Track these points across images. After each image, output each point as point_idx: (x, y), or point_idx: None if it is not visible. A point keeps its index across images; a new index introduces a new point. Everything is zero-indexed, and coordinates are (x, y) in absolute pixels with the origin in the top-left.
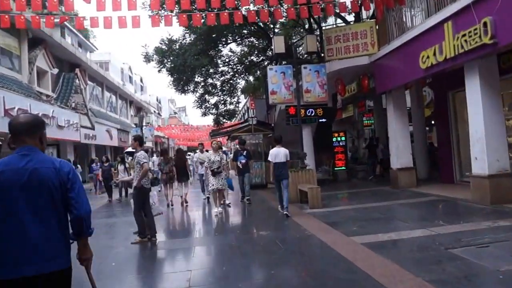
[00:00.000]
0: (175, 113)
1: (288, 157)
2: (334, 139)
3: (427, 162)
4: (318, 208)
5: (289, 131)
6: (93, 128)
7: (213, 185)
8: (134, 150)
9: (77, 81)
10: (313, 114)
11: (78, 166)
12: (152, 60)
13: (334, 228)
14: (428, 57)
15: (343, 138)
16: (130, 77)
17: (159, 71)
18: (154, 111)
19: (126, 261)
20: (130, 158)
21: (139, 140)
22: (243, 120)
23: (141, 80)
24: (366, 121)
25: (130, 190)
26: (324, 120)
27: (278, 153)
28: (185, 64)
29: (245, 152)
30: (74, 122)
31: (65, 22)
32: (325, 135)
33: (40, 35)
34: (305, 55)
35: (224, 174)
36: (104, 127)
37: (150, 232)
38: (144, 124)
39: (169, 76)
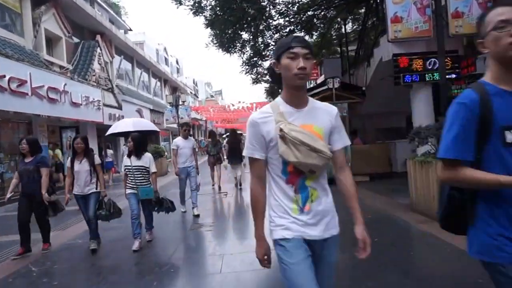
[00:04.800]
0: (212, 96)
1: None
2: None
3: None
4: None
5: (391, 98)
6: (119, 107)
7: None
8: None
9: (99, 50)
10: (436, 67)
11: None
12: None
13: None
14: None
15: None
16: (165, 58)
17: (195, 14)
18: (191, 92)
19: None
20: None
21: None
22: (317, 84)
23: (177, 62)
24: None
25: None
26: (453, 76)
27: None
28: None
29: None
30: (95, 99)
31: None
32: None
33: None
34: None
35: None
36: (134, 106)
37: None
38: (180, 103)
39: (208, 28)
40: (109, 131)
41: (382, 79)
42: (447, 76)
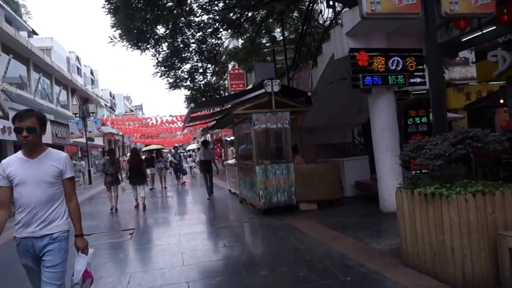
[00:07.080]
0: (132, 110)
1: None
2: (409, 121)
3: None
4: None
5: (339, 107)
6: (5, 116)
7: None
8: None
9: None
10: (400, 68)
11: None
12: None
13: None
14: None
15: (424, 120)
16: (78, 68)
17: None
18: (106, 105)
19: None
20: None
21: None
22: (251, 88)
23: (92, 73)
24: None
25: None
26: (419, 80)
27: (205, 153)
28: None
29: None
30: None
31: None
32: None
33: None
34: None
35: None
36: None
37: None
38: (90, 114)
39: (111, 14)
40: None
41: (331, 83)
42: (411, 80)
